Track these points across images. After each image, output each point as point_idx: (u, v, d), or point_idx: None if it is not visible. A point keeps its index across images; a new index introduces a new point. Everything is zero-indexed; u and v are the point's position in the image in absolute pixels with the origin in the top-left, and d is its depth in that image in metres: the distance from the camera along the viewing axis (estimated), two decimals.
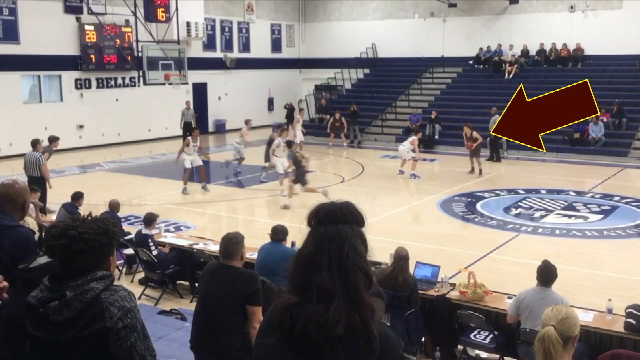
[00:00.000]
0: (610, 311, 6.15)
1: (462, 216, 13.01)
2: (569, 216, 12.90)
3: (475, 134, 17.03)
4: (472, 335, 6.47)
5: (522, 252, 10.23)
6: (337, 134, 23.00)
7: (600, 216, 12.88)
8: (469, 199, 14.35)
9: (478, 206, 13.76)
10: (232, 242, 4.68)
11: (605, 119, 20.72)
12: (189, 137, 15.09)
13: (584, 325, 5.26)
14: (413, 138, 17.23)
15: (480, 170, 16.76)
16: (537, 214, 13.03)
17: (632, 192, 14.76)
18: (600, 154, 19.80)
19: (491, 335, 6.29)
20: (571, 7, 25.06)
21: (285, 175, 14.37)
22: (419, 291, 6.59)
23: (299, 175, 13.34)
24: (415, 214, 13.85)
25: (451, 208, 13.62)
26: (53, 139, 13.54)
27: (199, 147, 15.17)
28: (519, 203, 13.98)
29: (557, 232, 11.72)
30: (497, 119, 19.88)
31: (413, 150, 16.92)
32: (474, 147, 16.98)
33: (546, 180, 16.45)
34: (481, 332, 6.45)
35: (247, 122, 18.27)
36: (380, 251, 8.11)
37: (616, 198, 14.36)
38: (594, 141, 20.29)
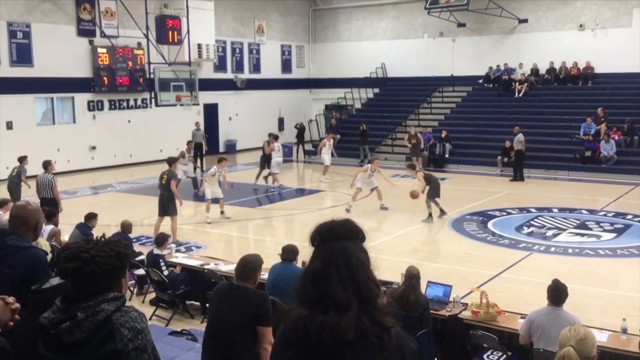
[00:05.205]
0: (625, 331, 6.08)
1: (474, 235, 12.94)
2: (582, 235, 12.80)
3: (419, 175, 14.28)
4: (485, 356, 6.42)
5: (534, 272, 10.13)
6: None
7: (614, 235, 12.77)
8: (481, 218, 14.28)
9: (490, 225, 13.69)
10: (250, 266, 4.69)
11: (617, 137, 20.63)
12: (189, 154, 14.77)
13: (598, 346, 5.19)
14: (366, 165, 15.13)
15: (441, 210, 14.32)
16: (550, 233, 12.94)
17: None
18: (612, 172, 19.67)
19: (504, 356, 6.22)
20: (580, 26, 25.06)
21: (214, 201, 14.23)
22: (431, 311, 6.55)
23: None
24: (426, 233, 13.78)
25: (462, 227, 13.56)
26: (22, 159, 14.75)
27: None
28: (531, 222, 13.90)
29: (570, 251, 11.62)
30: (521, 137, 19.68)
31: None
32: (424, 191, 14.02)
33: (558, 199, 16.34)
34: (494, 353, 6.39)
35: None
36: (391, 271, 8.09)
37: (629, 216, 14.24)
38: (605, 159, 20.18)
